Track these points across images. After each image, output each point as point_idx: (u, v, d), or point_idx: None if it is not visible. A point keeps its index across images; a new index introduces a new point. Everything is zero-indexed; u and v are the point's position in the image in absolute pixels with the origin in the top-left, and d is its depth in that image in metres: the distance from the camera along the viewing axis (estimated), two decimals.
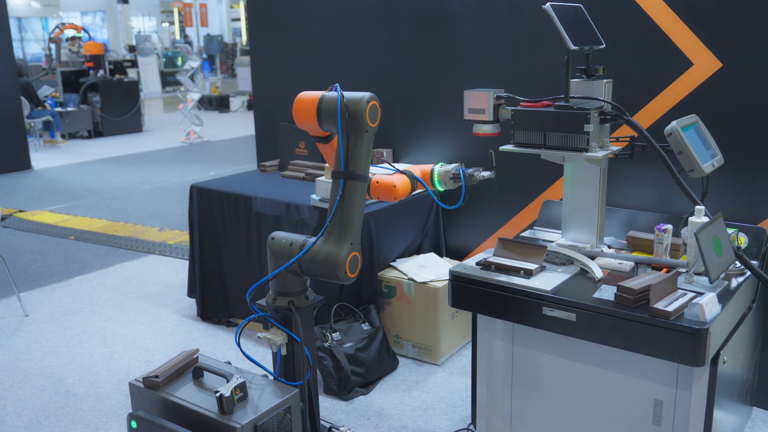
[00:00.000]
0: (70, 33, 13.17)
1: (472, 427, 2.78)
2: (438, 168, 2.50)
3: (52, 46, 12.66)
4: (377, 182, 2.43)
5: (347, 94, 2.20)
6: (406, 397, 3.24)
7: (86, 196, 7.76)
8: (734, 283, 2.32)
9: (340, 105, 2.17)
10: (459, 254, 3.88)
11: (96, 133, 12.08)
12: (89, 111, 11.87)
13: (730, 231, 2.45)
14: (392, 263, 3.63)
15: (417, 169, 2.54)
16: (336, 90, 2.21)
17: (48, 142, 11.33)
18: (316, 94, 2.24)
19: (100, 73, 12.24)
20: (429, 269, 3.55)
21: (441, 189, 2.51)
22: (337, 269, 2.17)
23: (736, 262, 2.36)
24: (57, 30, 12.85)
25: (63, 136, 11.63)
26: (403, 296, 3.50)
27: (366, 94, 2.17)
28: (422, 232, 3.79)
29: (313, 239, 2.24)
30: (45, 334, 4.05)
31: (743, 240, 2.58)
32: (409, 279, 3.48)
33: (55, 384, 3.46)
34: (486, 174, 2.48)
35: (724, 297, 2.20)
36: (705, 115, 2.65)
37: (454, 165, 2.49)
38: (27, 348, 3.87)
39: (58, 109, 11.54)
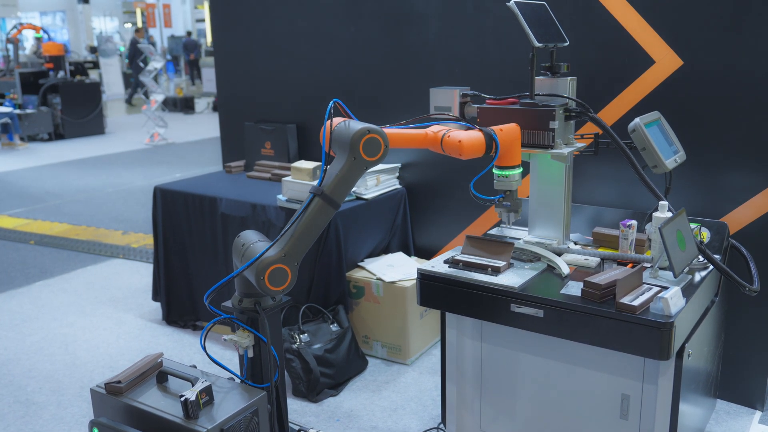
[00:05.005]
0: (30, 34, 12.90)
1: (442, 426, 2.78)
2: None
3: (10, 46, 12.36)
4: (448, 136, 2.31)
5: (352, 123, 2.17)
6: (375, 398, 3.22)
7: (47, 200, 7.58)
8: (698, 277, 2.35)
9: (326, 125, 2.18)
10: (427, 253, 3.87)
11: (57, 135, 11.81)
12: (49, 113, 11.60)
13: (693, 226, 2.49)
14: (360, 263, 3.61)
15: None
16: (334, 108, 2.17)
17: (6, 144, 11.04)
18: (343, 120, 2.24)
19: (61, 74, 11.98)
20: (397, 269, 3.53)
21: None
22: (257, 273, 2.09)
23: (700, 257, 2.39)
24: (15, 30, 12.55)
25: (22, 139, 11.34)
26: (371, 296, 3.48)
27: (364, 127, 2.12)
28: (390, 231, 3.77)
29: (262, 243, 2.20)
30: (4, 341, 3.94)
31: (706, 234, 2.62)
32: (377, 279, 3.46)
33: (15, 392, 3.36)
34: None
35: (688, 291, 2.22)
36: (667, 112, 2.69)
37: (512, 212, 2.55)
38: None
39: (17, 111, 11.26)
